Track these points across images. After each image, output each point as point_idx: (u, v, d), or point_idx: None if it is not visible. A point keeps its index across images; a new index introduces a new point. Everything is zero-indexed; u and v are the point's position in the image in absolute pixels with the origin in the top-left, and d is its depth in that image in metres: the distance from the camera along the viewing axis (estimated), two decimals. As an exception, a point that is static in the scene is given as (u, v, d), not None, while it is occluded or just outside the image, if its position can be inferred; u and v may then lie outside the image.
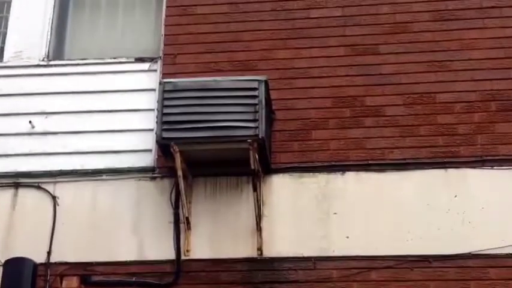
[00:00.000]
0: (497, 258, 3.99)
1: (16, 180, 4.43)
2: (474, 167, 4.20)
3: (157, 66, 4.65)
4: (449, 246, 4.04)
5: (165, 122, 4.05)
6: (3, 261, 4.19)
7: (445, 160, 4.24)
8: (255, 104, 4.06)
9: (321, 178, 4.26)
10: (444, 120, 4.33)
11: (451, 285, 3.97)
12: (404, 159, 4.27)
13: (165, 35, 4.71)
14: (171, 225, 4.22)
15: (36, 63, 4.77)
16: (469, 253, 4.01)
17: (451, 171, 4.21)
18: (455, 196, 4.16)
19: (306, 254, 4.10)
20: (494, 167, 4.19)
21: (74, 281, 4.18)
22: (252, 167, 4.03)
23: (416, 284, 4.00)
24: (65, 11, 5.01)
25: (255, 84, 4.11)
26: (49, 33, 4.86)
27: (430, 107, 4.37)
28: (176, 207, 4.25)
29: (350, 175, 4.26)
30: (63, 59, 4.83)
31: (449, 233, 4.08)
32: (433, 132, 4.31)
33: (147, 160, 4.43)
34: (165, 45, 4.68)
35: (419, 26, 4.55)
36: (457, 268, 4.00)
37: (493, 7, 4.54)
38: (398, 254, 4.05)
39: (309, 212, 4.20)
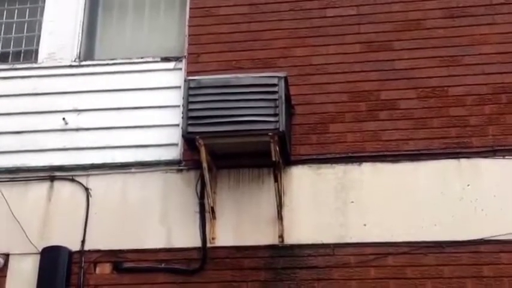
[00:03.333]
0: (508, 244, 4.04)
1: (51, 174, 4.54)
2: (486, 157, 4.24)
3: (182, 65, 4.72)
4: (462, 233, 4.09)
5: (190, 117, 4.12)
6: (40, 249, 4.32)
7: (458, 151, 4.28)
8: (275, 99, 4.11)
9: (339, 169, 4.32)
10: (456, 112, 4.37)
11: (464, 269, 4.03)
12: (418, 150, 4.31)
13: (188, 35, 4.79)
14: (197, 215, 4.32)
15: (68, 63, 4.86)
16: (482, 239, 4.06)
17: (464, 161, 4.26)
18: (468, 185, 4.21)
19: (325, 241, 4.17)
20: (506, 157, 4.24)
21: (107, 268, 4.29)
22: (273, 159, 4.10)
23: (431, 268, 4.05)
24: (95, 13, 5.09)
25: (275, 81, 4.16)
26: (80, 35, 4.94)
27: (442, 100, 4.41)
28: (202, 197, 4.33)
29: (366, 166, 4.32)
30: (93, 60, 4.92)
31: (462, 220, 4.13)
32: (445, 124, 4.36)
33: (173, 153, 4.50)
34: (189, 45, 4.75)
35: (431, 23, 4.59)
36: (469, 253, 4.05)
37: (502, 3, 4.58)
38: (413, 240, 4.11)
39: (328, 201, 4.26)
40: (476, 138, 4.32)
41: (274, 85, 4.17)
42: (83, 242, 4.36)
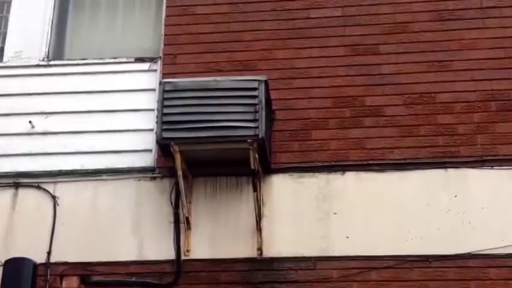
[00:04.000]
0: (497, 258, 4.00)
1: (16, 180, 4.44)
2: (474, 167, 4.21)
3: (158, 66, 4.66)
4: (449, 246, 4.05)
5: (165, 122, 4.07)
6: (3, 261, 4.21)
7: (445, 160, 4.24)
8: (255, 104, 4.07)
9: (321, 178, 4.27)
10: (444, 120, 4.34)
11: (451, 285, 3.98)
12: (404, 159, 4.28)
13: (165, 35, 4.72)
14: (171, 225, 4.24)
15: (36, 63, 4.78)
16: (469, 253, 4.02)
17: (451, 171, 4.22)
18: (455, 196, 4.17)
19: (306, 254, 4.11)
20: (494, 167, 4.20)
21: (74, 281, 4.20)
22: (252, 167, 4.04)
23: (416, 284, 4.00)
24: (65, 11, 5.02)
25: (255, 84, 4.13)
26: (49, 33, 4.87)
27: (430, 107, 4.38)
28: (176, 207, 4.26)
29: (350, 175, 4.27)
30: (63, 59, 4.85)
31: (449, 233, 4.09)
32: (433, 132, 4.32)
33: (147, 160, 4.44)
34: (165, 45, 4.69)
35: (419, 26, 4.56)
36: (457, 268, 4.01)
37: (493, 7, 4.54)
38: (398, 254, 4.06)
39: (309, 212, 4.21)
40: (465, 147, 4.28)
41: (254, 89, 4.14)
42: (49, 253, 4.26)
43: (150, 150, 4.45)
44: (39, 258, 4.22)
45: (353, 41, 4.57)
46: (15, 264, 4.17)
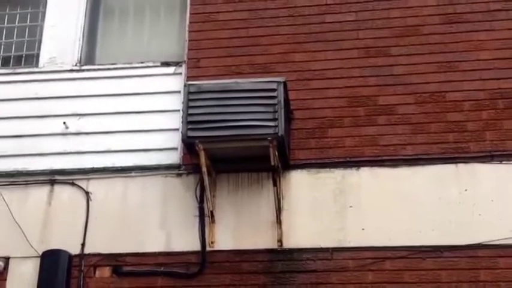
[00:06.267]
0: (506, 249, 4.05)
1: (52, 178, 4.56)
2: (483, 162, 4.26)
3: (182, 69, 4.74)
4: (460, 237, 4.10)
5: (189, 121, 4.14)
6: (40, 253, 4.34)
7: (455, 156, 4.30)
8: (274, 104, 4.14)
9: (337, 173, 4.34)
10: (454, 117, 4.39)
11: (461, 274, 4.04)
12: (416, 155, 4.33)
13: (189, 40, 4.81)
14: (197, 219, 4.33)
15: (69, 68, 4.89)
16: (479, 244, 4.07)
17: (461, 166, 4.27)
18: (466, 190, 4.22)
19: (324, 245, 4.19)
20: (503, 162, 4.26)
21: (106, 271, 4.30)
22: (272, 163, 4.12)
23: (429, 273, 4.07)
24: (96, 19, 5.12)
25: (274, 86, 4.19)
26: (81, 39, 4.97)
27: (440, 105, 4.43)
28: (201, 201, 4.35)
29: (364, 170, 4.33)
30: (94, 64, 4.95)
31: (460, 224, 4.14)
32: (443, 129, 4.37)
33: (173, 158, 4.52)
34: (189, 50, 4.78)
35: (429, 29, 4.61)
36: (467, 258, 4.06)
37: (499, 10, 4.60)
38: (411, 244, 4.12)
39: (326, 206, 4.28)
40: (474, 143, 4.34)
41: (273, 90, 4.20)
42: (82, 245, 4.38)
43: (176, 149, 4.53)
44: (74, 250, 4.34)
45: (366, 43, 4.63)
46: (52, 256, 4.29)
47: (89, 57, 5.01)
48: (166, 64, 4.81)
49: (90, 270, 4.33)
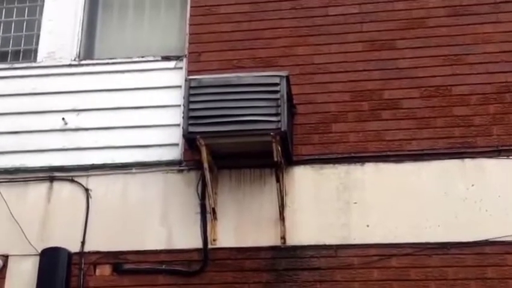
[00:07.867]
0: None
1: (51, 174, 4.53)
2: (490, 157, 4.22)
3: (183, 64, 4.71)
4: (467, 234, 4.07)
5: (191, 117, 4.11)
6: (40, 250, 4.31)
7: (462, 151, 4.27)
8: (277, 99, 4.10)
9: (341, 169, 4.31)
10: (460, 112, 4.36)
11: (469, 271, 4.01)
12: (422, 150, 4.30)
13: (189, 34, 4.78)
14: (198, 216, 4.30)
15: (68, 63, 4.85)
16: (486, 240, 4.04)
17: (468, 161, 4.24)
18: (472, 185, 4.19)
19: (328, 242, 4.16)
20: (510, 157, 4.22)
21: (107, 269, 4.28)
22: (275, 159, 4.08)
23: (435, 270, 4.04)
24: (94, 13, 5.09)
25: (276, 80, 4.15)
26: (80, 34, 4.93)
27: (446, 99, 4.39)
28: (202, 198, 4.32)
29: (369, 166, 4.30)
30: (93, 59, 4.91)
31: (467, 220, 4.11)
32: (449, 123, 4.34)
33: (174, 154, 4.49)
34: (189, 43, 4.74)
35: (435, 21, 4.57)
36: (474, 255, 4.03)
37: (506, 2, 4.55)
38: (417, 241, 4.10)
39: (330, 202, 4.25)
40: (481, 138, 4.30)
41: (275, 84, 4.17)
42: (82, 243, 4.35)
43: (177, 144, 4.50)
44: (74, 247, 4.31)
45: (370, 36, 4.59)
46: (51, 254, 4.27)
47: (88, 51, 4.97)
48: (166, 58, 4.78)
49: (90, 268, 4.31)
